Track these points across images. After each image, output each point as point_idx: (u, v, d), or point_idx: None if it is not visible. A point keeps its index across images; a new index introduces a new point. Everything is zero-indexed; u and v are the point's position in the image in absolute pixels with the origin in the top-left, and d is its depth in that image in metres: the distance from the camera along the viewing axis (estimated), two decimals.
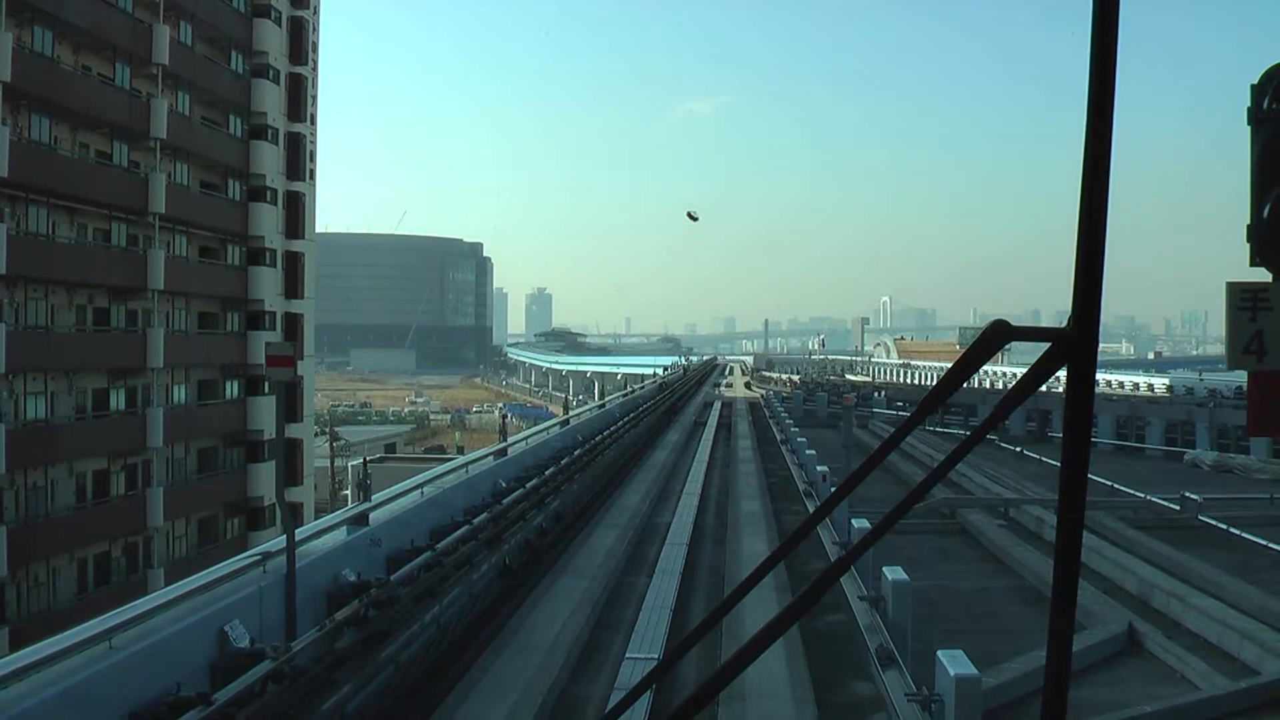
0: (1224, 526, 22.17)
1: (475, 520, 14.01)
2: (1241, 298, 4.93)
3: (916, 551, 20.29)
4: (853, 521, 16.13)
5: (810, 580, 1.85)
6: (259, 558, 9.29)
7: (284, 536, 9.27)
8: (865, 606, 12.35)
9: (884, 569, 11.99)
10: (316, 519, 14.89)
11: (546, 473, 19.08)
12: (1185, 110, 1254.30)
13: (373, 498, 12.06)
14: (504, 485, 17.21)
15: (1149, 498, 24.92)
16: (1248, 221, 4.96)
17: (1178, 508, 23.95)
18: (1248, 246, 4.97)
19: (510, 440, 20.35)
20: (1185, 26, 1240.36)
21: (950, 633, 13.84)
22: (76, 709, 6.84)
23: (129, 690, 7.27)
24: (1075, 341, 1.55)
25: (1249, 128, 4.99)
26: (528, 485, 17.35)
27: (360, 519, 11.53)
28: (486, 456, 18.39)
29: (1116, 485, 26.50)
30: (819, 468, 23.74)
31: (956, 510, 24.67)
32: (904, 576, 11.56)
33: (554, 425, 25.60)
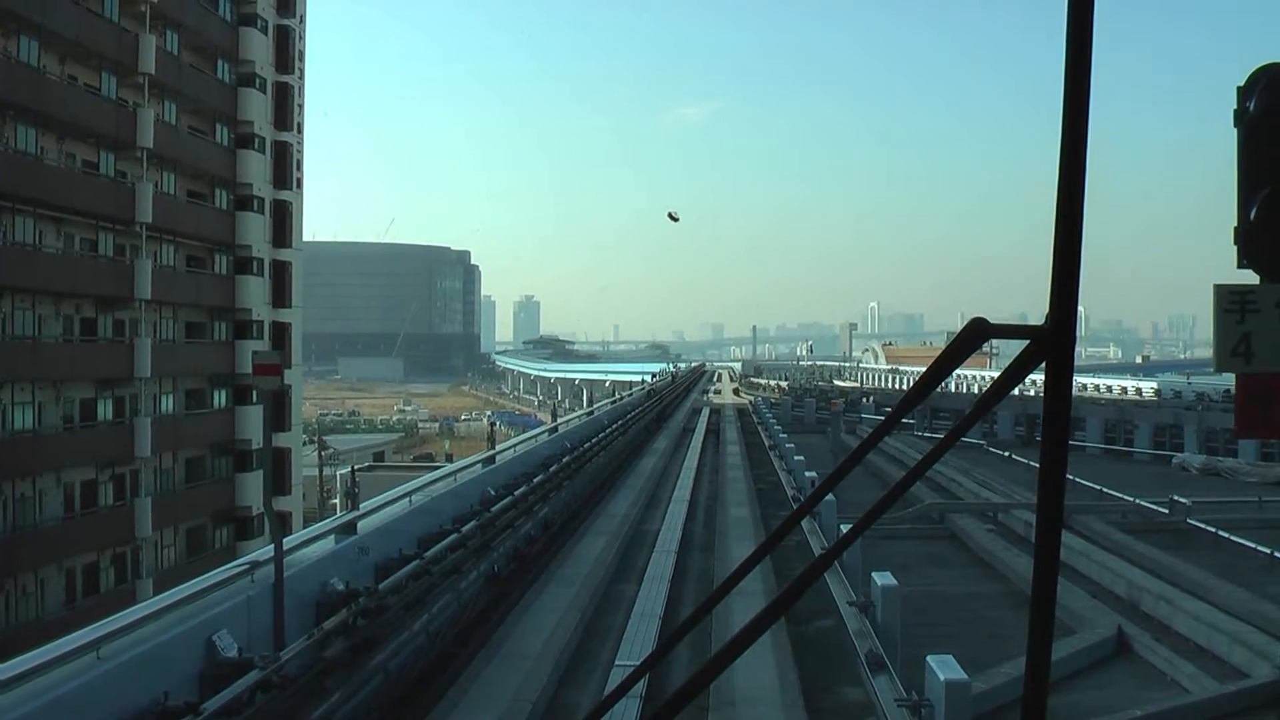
0: (1213, 529, 22.18)
1: (464, 528, 13.98)
2: (1229, 300, 4.92)
3: (905, 557, 20.27)
4: (841, 526, 16.17)
5: (794, 577, 1.88)
6: (247, 567, 9.24)
7: (272, 546, 9.24)
8: (854, 612, 12.33)
9: (873, 574, 11.96)
10: (305, 527, 14.84)
11: (535, 480, 19.06)
12: (1173, 115, 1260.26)
13: (360, 506, 12.01)
14: (492, 493, 17.16)
15: (1137, 501, 24.89)
16: (1234, 224, 4.95)
17: (1166, 511, 23.95)
18: (1235, 249, 4.97)
19: (499, 448, 20.29)
20: (1169, 28, 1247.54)
21: (939, 638, 13.82)
22: (66, 719, 6.83)
23: (117, 700, 7.22)
24: (1053, 338, 1.57)
25: (1235, 130, 4.98)
26: (516, 493, 17.32)
27: (348, 527, 11.47)
28: (475, 464, 18.33)
29: (1105, 489, 26.52)
30: (807, 474, 23.72)
31: (945, 515, 24.63)
32: (893, 581, 11.55)
33: (542, 433, 25.52)
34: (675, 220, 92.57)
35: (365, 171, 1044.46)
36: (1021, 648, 1.69)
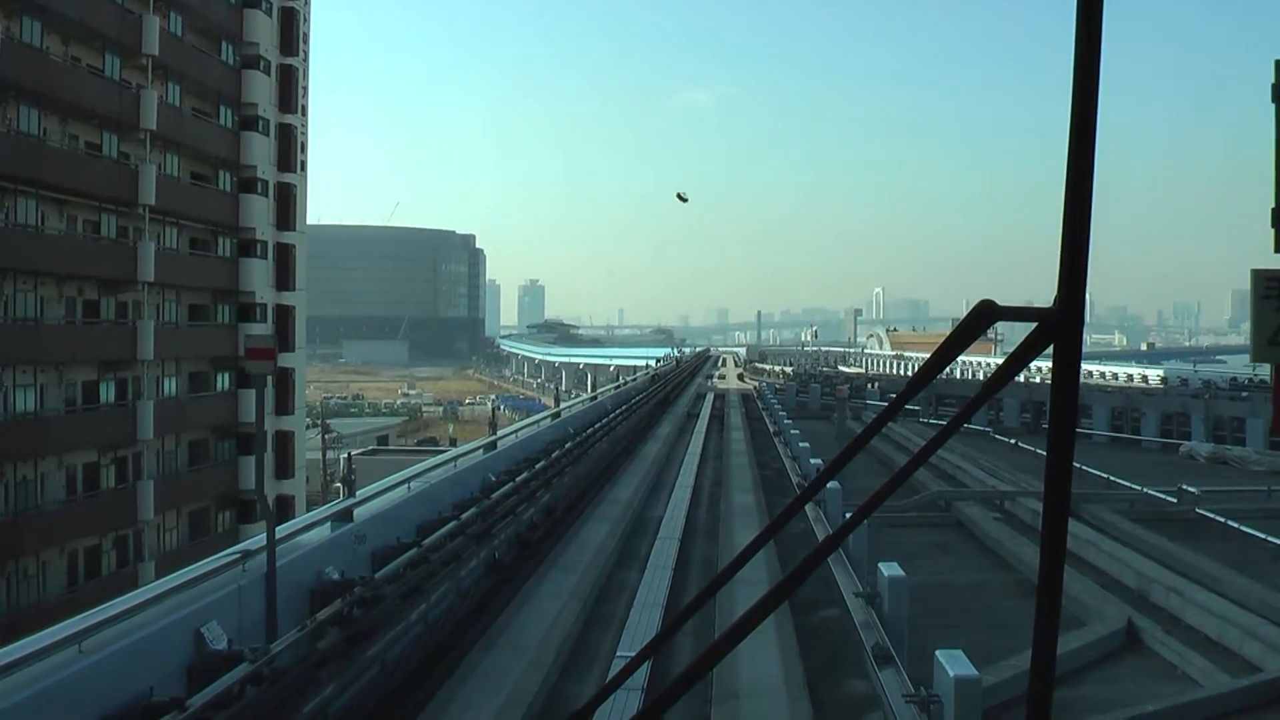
0: (1222, 519, 21.89)
1: (463, 515, 13.69)
2: (1268, 286, 4.63)
3: (912, 546, 20.06)
4: (846, 514, 15.94)
5: (799, 561, 1.86)
6: (238, 556, 8.95)
7: (265, 534, 8.98)
8: (861, 603, 12.09)
9: (880, 565, 11.70)
10: (308, 512, 14.53)
11: (537, 466, 18.76)
12: (1183, 101, 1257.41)
13: (357, 493, 11.72)
14: (493, 479, 16.88)
15: (1145, 490, 24.63)
16: (1271, 205, 4.66)
17: (1175, 500, 23.67)
18: (1272, 232, 4.68)
19: (500, 434, 19.98)
20: (1178, 12, 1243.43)
21: (947, 628, 13.63)
22: (44, 716, 6.58)
23: (99, 696, 6.95)
24: (1060, 321, 1.56)
25: (1273, 105, 4.68)
26: (517, 479, 17.03)
27: (345, 515, 11.16)
28: (475, 450, 18.04)
29: (1112, 477, 26.25)
30: (813, 460, 23.49)
31: (952, 503, 24.37)
32: (900, 572, 11.28)
33: (545, 418, 25.22)
34: (684, 201, 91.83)
35: (371, 155, 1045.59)
36: (1030, 638, 1.66)
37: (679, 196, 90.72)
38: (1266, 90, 4.65)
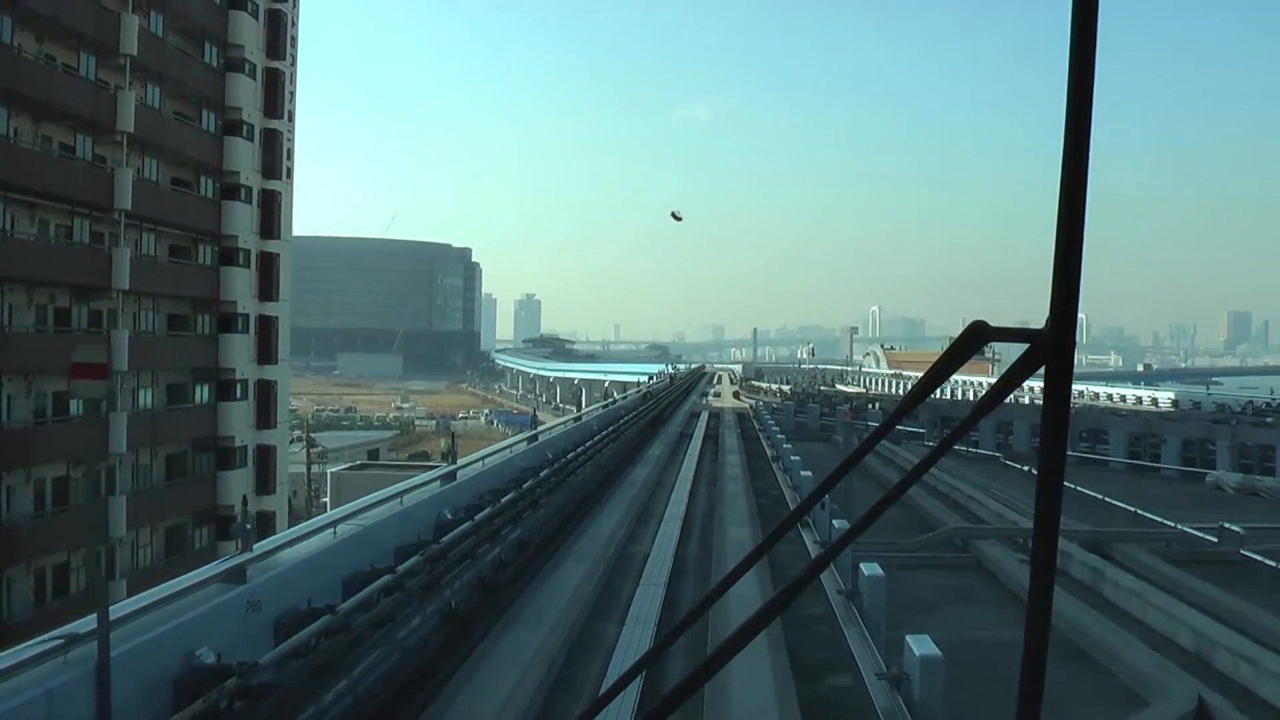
0: (1273, 563, 19.40)
1: (401, 566, 11.22)
2: None
3: (930, 592, 17.86)
4: (853, 554, 14.05)
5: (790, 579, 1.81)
6: (61, 641, 6.48)
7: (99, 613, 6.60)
8: (884, 686, 9.83)
9: (908, 639, 9.34)
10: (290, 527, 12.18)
11: (503, 500, 16.34)
12: (1179, 122, 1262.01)
13: (255, 546, 9.25)
14: (449, 517, 14.53)
15: (1180, 527, 22.21)
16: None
17: (1215, 540, 21.31)
18: None
19: (460, 462, 17.41)
20: (1174, 35, 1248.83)
21: (979, 705, 11.45)
22: None
23: None
24: (1052, 342, 1.53)
25: None
26: (477, 518, 14.62)
27: (235, 574, 8.68)
28: (431, 482, 15.63)
29: (1141, 512, 24.02)
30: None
31: (969, 541, 21.98)
32: (934, 650, 9.00)
33: (519, 442, 22.84)
34: (679, 219, 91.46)
35: (368, 167, 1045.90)
36: (1075, 715, 1.59)
37: (673, 215, 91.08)
38: (1265, 108, 2.76)
